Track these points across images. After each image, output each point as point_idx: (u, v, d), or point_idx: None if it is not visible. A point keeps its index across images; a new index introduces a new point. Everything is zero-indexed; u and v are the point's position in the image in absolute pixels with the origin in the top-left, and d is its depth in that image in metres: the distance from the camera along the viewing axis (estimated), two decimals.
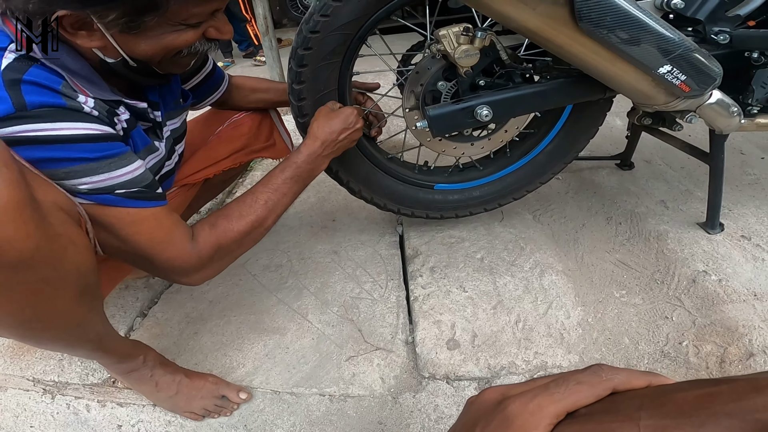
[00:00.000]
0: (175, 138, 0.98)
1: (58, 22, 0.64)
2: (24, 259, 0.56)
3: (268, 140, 1.29)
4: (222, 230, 0.84)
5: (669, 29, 0.90)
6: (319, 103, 1.06)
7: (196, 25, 0.73)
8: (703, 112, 1.08)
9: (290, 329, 1.13)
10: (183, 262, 0.80)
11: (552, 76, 1.10)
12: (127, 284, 1.29)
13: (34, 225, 0.57)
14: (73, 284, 0.66)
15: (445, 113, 1.06)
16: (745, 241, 1.28)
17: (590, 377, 0.33)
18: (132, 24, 0.67)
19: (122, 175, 0.72)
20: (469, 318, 1.10)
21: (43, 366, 1.06)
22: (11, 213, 0.53)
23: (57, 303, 0.66)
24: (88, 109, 0.69)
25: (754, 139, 1.85)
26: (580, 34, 0.88)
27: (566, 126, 1.27)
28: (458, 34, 1.01)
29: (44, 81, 0.65)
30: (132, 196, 0.74)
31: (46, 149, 0.65)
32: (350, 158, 1.18)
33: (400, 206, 1.31)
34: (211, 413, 0.94)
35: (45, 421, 0.97)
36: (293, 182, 0.95)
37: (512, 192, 1.35)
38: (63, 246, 0.62)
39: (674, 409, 0.26)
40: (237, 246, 0.87)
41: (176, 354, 1.08)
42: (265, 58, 2.58)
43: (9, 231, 0.53)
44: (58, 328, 0.70)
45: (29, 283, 0.60)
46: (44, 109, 0.65)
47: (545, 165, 1.32)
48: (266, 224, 0.90)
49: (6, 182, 0.53)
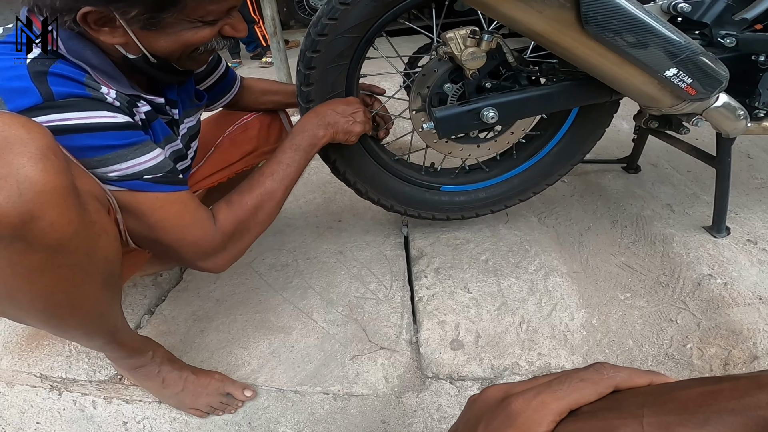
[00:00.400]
0: (191, 135, 1.00)
1: (84, 18, 0.67)
2: (64, 242, 0.60)
3: (278, 142, 1.31)
4: (237, 205, 0.87)
5: (675, 32, 0.90)
6: None
7: (213, 22, 0.76)
8: (709, 116, 1.07)
9: (295, 328, 1.13)
10: (208, 243, 0.83)
11: (558, 78, 1.10)
12: (135, 282, 1.30)
13: (76, 211, 0.60)
14: (101, 272, 0.69)
15: (451, 115, 1.06)
16: (751, 245, 1.28)
17: (592, 375, 0.33)
18: (152, 20, 0.70)
19: (148, 161, 0.75)
20: (473, 319, 1.11)
21: (51, 362, 1.08)
22: (58, 198, 0.57)
23: (86, 289, 0.68)
24: (111, 100, 0.72)
25: (761, 143, 1.84)
26: (586, 37, 0.88)
27: (572, 128, 1.27)
28: (465, 37, 1.02)
29: (69, 74, 0.68)
30: (159, 180, 0.76)
31: (77, 138, 0.68)
32: (357, 159, 1.19)
33: (407, 207, 1.32)
34: (215, 410, 0.95)
35: (51, 417, 0.98)
36: (292, 151, 0.96)
37: (518, 193, 1.35)
38: (97, 233, 0.66)
39: (677, 406, 0.26)
40: (253, 220, 0.89)
41: (183, 351, 1.09)
42: (273, 59, 2.59)
43: (54, 215, 0.57)
44: (82, 315, 0.72)
45: (64, 266, 0.63)
46: (71, 99, 0.67)
47: (552, 166, 1.32)
48: (276, 196, 0.92)
49: (56, 169, 0.56)
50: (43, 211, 0.55)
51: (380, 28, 1.02)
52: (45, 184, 0.55)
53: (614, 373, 0.34)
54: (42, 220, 0.56)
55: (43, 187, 0.55)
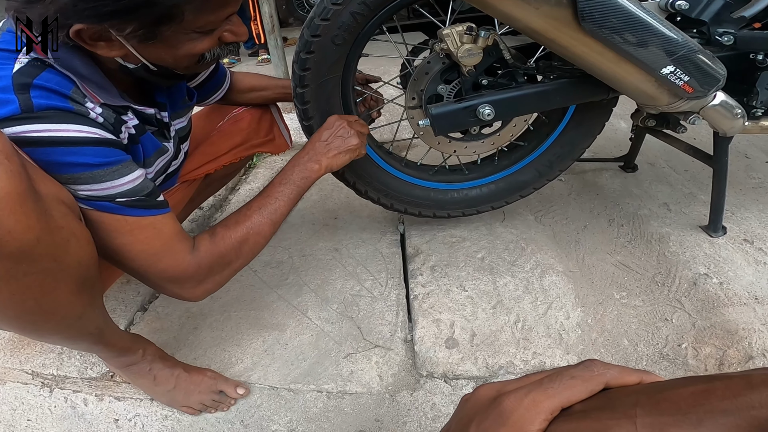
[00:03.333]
0: (180, 137, 0.98)
1: (77, 34, 0.65)
2: (25, 250, 0.57)
3: (268, 135, 1.30)
4: (220, 238, 0.84)
5: (672, 30, 0.90)
6: (323, 106, 1.07)
7: (211, 31, 0.74)
8: (706, 114, 1.07)
9: (290, 325, 1.13)
10: (179, 272, 0.80)
11: (555, 76, 1.10)
12: (128, 279, 1.29)
13: (36, 217, 0.57)
14: (74, 277, 0.67)
15: (447, 112, 1.05)
16: (747, 244, 1.27)
17: (583, 372, 0.33)
18: (149, 35, 0.68)
19: (124, 184, 0.72)
20: (469, 317, 1.10)
21: (43, 359, 1.07)
22: (13, 204, 0.54)
23: (58, 295, 0.66)
24: (94, 116, 0.70)
25: (759, 143, 1.84)
26: (583, 35, 0.88)
27: (568, 128, 1.27)
28: (462, 34, 1.01)
29: (54, 86, 0.66)
30: (132, 204, 0.74)
31: (49, 152, 0.65)
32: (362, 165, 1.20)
33: (407, 206, 1.32)
34: (208, 408, 0.94)
35: (42, 414, 0.97)
36: (282, 185, 0.93)
37: (515, 192, 1.35)
38: (64, 238, 0.63)
39: (670, 406, 0.26)
40: (235, 254, 0.87)
41: (176, 349, 1.08)
42: (271, 56, 2.58)
43: (10, 222, 0.54)
44: (58, 321, 0.70)
45: (31, 274, 0.60)
46: (50, 111, 0.65)
47: (549, 167, 1.32)
48: (263, 231, 0.89)
49: (8, 173, 0.54)
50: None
51: (374, 28, 1.02)
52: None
53: (604, 370, 0.33)
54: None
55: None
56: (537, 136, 1.32)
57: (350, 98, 1.12)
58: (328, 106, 1.08)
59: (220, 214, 1.66)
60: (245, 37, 0.80)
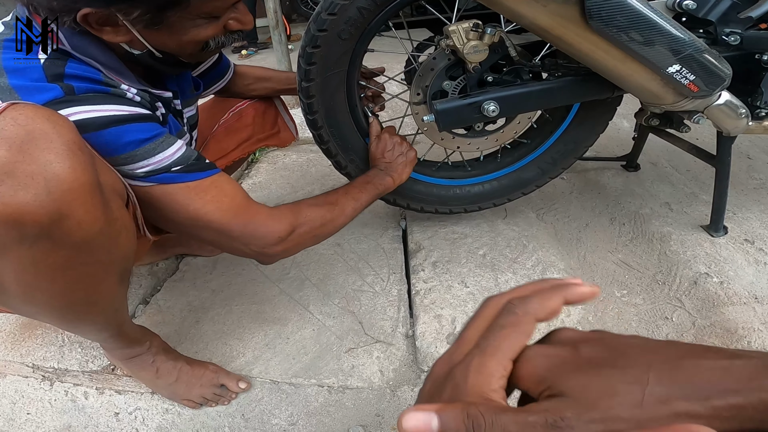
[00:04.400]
0: (191, 125, 0.99)
1: (84, 18, 0.65)
2: (88, 240, 0.59)
3: (273, 128, 1.30)
4: (307, 205, 0.89)
5: (679, 29, 0.90)
6: (327, 100, 1.07)
7: (217, 18, 0.74)
8: (711, 113, 1.07)
9: (291, 320, 1.13)
10: (261, 225, 0.82)
11: (560, 74, 1.09)
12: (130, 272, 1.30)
13: (101, 209, 0.59)
14: (119, 268, 0.69)
15: (452, 108, 1.05)
16: (748, 244, 1.28)
17: (507, 318, 0.33)
18: (156, 20, 0.68)
19: (174, 153, 0.73)
20: (470, 313, 1.10)
21: (44, 352, 1.07)
22: (85, 195, 0.56)
23: (105, 286, 0.68)
24: (131, 95, 0.72)
25: (761, 144, 1.84)
26: (590, 33, 0.88)
27: (571, 126, 1.27)
28: (468, 30, 1.01)
29: (85, 73, 0.68)
30: (188, 170, 0.75)
31: (103, 135, 0.66)
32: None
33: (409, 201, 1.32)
34: (209, 402, 0.94)
35: (42, 408, 0.97)
36: (367, 184, 1.03)
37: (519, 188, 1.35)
38: (118, 230, 0.65)
39: (685, 377, 0.25)
40: (320, 222, 0.90)
41: (177, 342, 1.08)
42: (275, 52, 2.57)
43: (81, 213, 0.56)
44: (98, 312, 0.72)
45: (87, 264, 0.62)
46: (91, 94, 0.66)
47: (552, 165, 1.32)
48: (345, 211, 0.95)
49: (83, 166, 0.55)
50: (71, 209, 0.54)
51: (381, 24, 1.02)
52: (73, 182, 0.54)
53: (525, 307, 0.33)
54: (70, 219, 0.55)
55: (71, 185, 0.53)
56: (541, 133, 1.32)
57: (355, 93, 1.11)
58: (332, 101, 1.08)
59: None
60: (251, 25, 0.80)
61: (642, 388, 0.25)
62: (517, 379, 0.30)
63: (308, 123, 1.12)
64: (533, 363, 0.30)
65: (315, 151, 1.88)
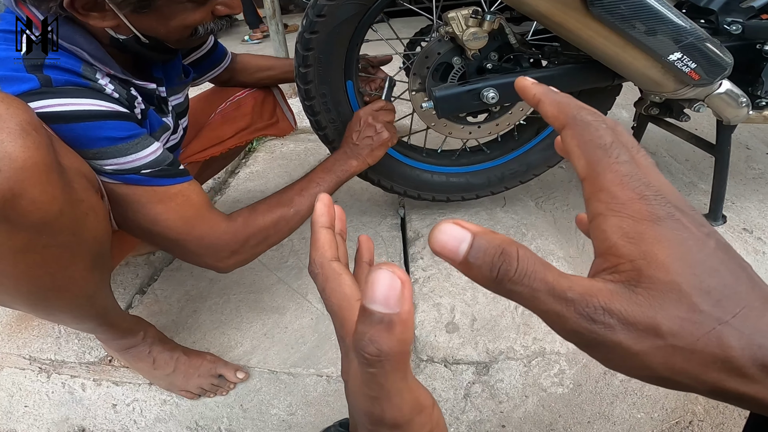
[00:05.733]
0: (178, 113, 0.97)
1: (71, 3, 0.64)
2: (48, 221, 0.58)
3: (272, 118, 1.29)
4: (260, 212, 0.86)
5: (681, 17, 0.89)
6: (325, 85, 1.06)
7: (204, 2, 0.73)
8: (711, 102, 1.06)
9: (289, 309, 1.13)
10: (216, 239, 0.81)
11: (560, 61, 1.08)
12: (127, 261, 1.29)
13: (60, 189, 0.58)
14: (89, 252, 0.67)
15: (451, 94, 1.05)
16: (746, 234, 1.28)
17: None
18: (142, 4, 0.67)
19: (147, 156, 0.73)
20: (469, 302, 1.10)
21: (40, 344, 1.06)
22: (39, 175, 0.55)
23: (73, 271, 0.67)
24: (109, 91, 0.70)
25: (760, 135, 1.83)
26: (591, 19, 0.87)
27: None
28: (467, 17, 1.00)
29: (65, 65, 0.67)
30: (158, 174, 0.74)
31: (75, 128, 0.66)
32: None
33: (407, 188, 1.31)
34: (207, 392, 0.94)
35: (39, 400, 0.97)
36: (325, 173, 0.98)
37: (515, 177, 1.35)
38: (84, 212, 0.64)
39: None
40: (274, 230, 0.89)
41: (174, 332, 1.08)
42: (272, 42, 2.55)
43: (35, 192, 0.55)
44: (71, 298, 0.71)
45: (50, 247, 0.61)
46: (69, 86, 0.66)
47: None
48: (301, 212, 0.92)
49: (36, 145, 0.54)
50: (24, 188, 0.53)
51: (378, 11, 1.01)
52: (25, 161, 0.53)
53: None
54: (23, 198, 0.54)
55: (24, 164, 0.53)
56: (539, 121, 1.31)
57: (354, 77, 1.10)
58: (330, 86, 1.07)
59: (219, 197, 1.64)
60: (239, 10, 0.79)
61: (720, 320, 0.21)
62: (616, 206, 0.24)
63: (305, 109, 1.11)
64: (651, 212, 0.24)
65: (313, 140, 1.87)
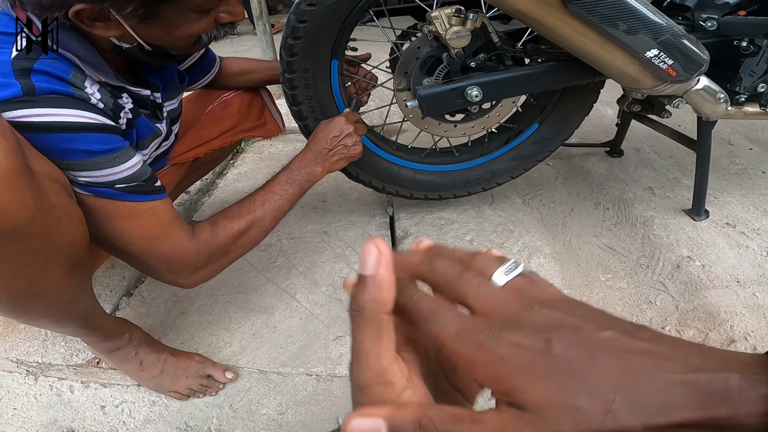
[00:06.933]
0: (171, 119, 0.97)
1: (76, 15, 0.64)
2: (19, 228, 0.57)
3: (259, 119, 1.29)
4: (222, 227, 0.85)
5: (657, 14, 0.90)
6: (311, 90, 1.07)
7: (209, 11, 0.74)
8: (690, 98, 1.08)
9: (278, 308, 1.13)
10: (179, 258, 0.80)
11: (542, 59, 1.10)
12: (113, 263, 1.28)
13: (31, 195, 0.57)
14: (65, 257, 0.67)
15: (435, 93, 1.05)
16: (729, 228, 1.30)
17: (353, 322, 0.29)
18: (148, 14, 0.67)
19: (124, 170, 0.72)
20: None
21: (27, 347, 1.05)
22: (9, 182, 0.54)
23: (50, 276, 0.66)
24: (95, 101, 0.70)
25: (742, 131, 1.86)
26: (569, 17, 0.88)
27: (553, 113, 1.28)
28: (450, 16, 1.01)
29: (54, 71, 0.66)
30: (131, 190, 0.73)
31: (50, 138, 0.65)
32: None
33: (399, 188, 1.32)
34: (196, 393, 0.94)
35: (27, 403, 0.96)
36: (288, 185, 0.95)
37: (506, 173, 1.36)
38: (57, 218, 0.63)
39: (650, 398, 0.24)
40: (235, 246, 0.87)
41: (162, 333, 1.08)
42: (259, 42, 2.55)
43: (5, 200, 0.54)
44: (49, 303, 0.70)
45: (24, 254, 0.60)
46: (52, 95, 0.65)
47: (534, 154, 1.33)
48: (263, 225, 0.90)
49: (4, 151, 0.53)
50: None
51: (362, 12, 1.02)
52: None
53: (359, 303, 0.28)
54: None
55: None
56: (526, 117, 1.33)
57: (339, 82, 1.11)
58: (316, 91, 1.08)
59: (207, 198, 1.64)
60: (242, 16, 0.79)
61: (607, 408, 0.23)
62: (471, 370, 0.26)
63: (293, 114, 1.12)
64: (493, 354, 0.25)
65: (301, 141, 1.86)
